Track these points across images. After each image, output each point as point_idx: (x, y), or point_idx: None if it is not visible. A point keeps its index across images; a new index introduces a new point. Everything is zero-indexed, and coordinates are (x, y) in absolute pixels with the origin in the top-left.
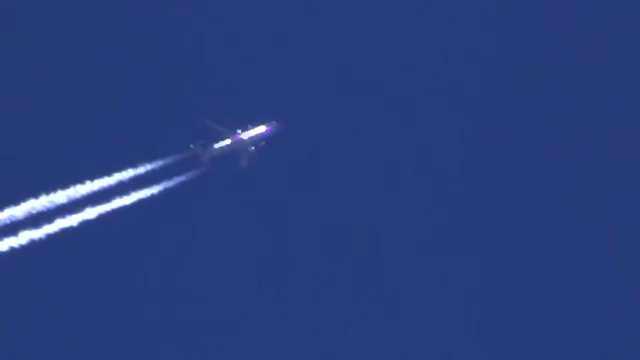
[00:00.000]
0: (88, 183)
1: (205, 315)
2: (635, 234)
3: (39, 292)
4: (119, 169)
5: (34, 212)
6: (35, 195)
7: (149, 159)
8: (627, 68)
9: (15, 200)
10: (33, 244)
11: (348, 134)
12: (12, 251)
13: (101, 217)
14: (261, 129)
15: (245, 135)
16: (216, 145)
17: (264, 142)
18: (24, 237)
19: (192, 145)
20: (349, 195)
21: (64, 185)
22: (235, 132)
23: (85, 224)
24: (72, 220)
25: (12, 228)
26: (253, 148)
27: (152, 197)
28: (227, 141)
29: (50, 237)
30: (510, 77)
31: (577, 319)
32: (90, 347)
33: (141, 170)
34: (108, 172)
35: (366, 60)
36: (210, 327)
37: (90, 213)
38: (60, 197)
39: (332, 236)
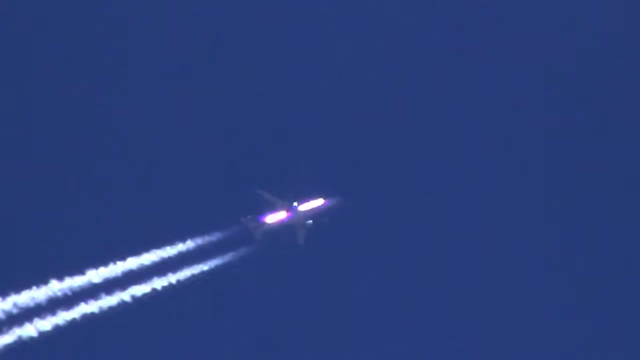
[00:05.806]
0: (130, 259)
1: None
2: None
3: None
4: (163, 244)
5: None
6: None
7: (196, 234)
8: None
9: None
10: (87, 319)
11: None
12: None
13: (147, 297)
14: (319, 202)
15: (303, 207)
16: (269, 219)
17: (324, 217)
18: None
19: (243, 219)
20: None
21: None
22: (291, 205)
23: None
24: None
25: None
26: (311, 222)
27: (202, 276)
28: (282, 214)
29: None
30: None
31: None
32: None
33: (188, 245)
34: (152, 248)
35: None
36: None
37: (135, 291)
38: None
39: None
